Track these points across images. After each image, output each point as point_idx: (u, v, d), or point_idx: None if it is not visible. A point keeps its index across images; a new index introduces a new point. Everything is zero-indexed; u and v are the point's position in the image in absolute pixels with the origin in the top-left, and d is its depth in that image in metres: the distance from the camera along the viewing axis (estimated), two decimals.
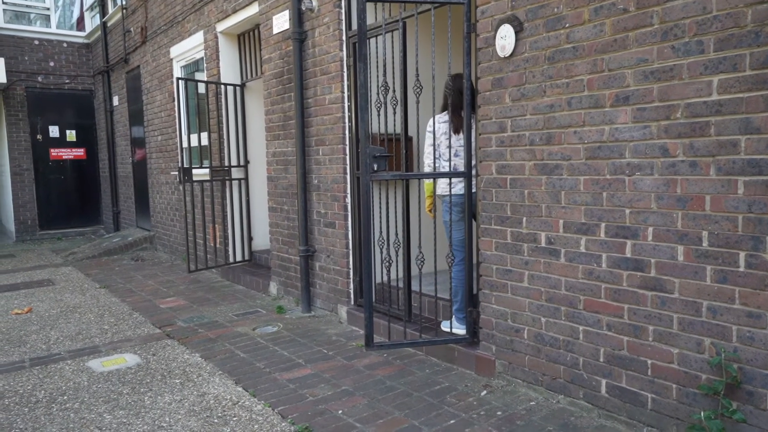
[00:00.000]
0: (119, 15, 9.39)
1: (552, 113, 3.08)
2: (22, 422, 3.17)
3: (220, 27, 6.48)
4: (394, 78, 4.08)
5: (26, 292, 6.42)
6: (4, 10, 10.42)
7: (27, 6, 10.84)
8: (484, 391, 3.38)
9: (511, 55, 3.26)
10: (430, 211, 4.06)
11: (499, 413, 3.09)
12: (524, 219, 3.29)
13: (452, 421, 3.02)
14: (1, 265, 8.22)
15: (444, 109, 3.92)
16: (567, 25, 2.96)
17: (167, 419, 3.15)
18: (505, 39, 3.26)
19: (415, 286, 4.53)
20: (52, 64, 10.81)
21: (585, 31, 2.88)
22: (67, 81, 11.00)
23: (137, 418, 3.18)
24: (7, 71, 9.76)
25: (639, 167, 2.72)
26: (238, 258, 6.76)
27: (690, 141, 2.53)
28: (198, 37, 6.97)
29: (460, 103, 3.76)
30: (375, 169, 3.88)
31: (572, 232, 3.03)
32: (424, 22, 4.89)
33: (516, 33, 3.21)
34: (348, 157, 4.74)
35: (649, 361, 2.75)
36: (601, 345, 2.94)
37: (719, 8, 2.41)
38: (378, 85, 4.39)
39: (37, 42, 10.66)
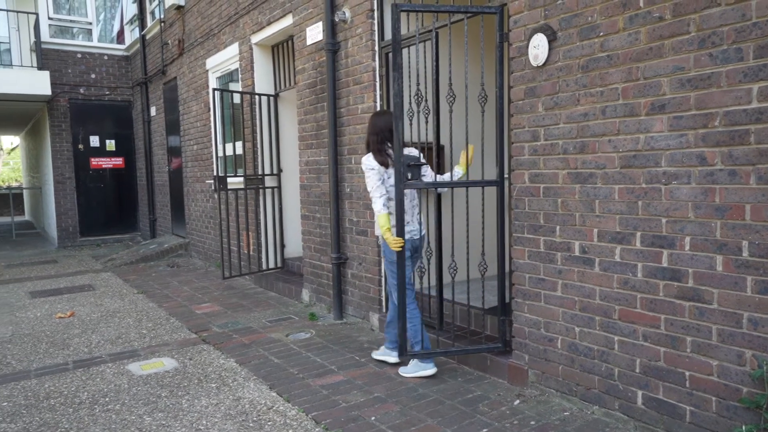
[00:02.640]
0: (157, 28, 9.67)
1: (586, 122, 3.07)
2: (67, 422, 3.28)
3: (255, 39, 6.62)
4: (426, 87, 4.12)
5: (68, 297, 6.63)
6: (49, 25, 10.83)
7: (71, 21, 11.24)
8: (517, 401, 3.36)
9: (545, 64, 3.26)
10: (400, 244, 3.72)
11: (532, 423, 3.07)
12: (558, 228, 3.28)
13: (485, 430, 3.01)
14: (45, 271, 8.51)
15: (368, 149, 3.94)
16: (601, 33, 2.96)
17: (204, 422, 3.22)
18: (538, 48, 3.27)
19: (447, 295, 4.53)
20: (93, 76, 11.18)
21: (620, 39, 2.87)
22: (107, 92, 11.36)
23: (176, 420, 3.26)
24: (51, 84, 10.11)
25: (675, 176, 2.69)
26: (271, 265, 6.87)
27: (729, 149, 2.50)
28: (233, 49, 7.13)
29: (385, 141, 3.85)
30: (409, 177, 3.92)
31: (607, 241, 3.01)
32: (457, 31, 4.91)
33: (549, 42, 3.21)
34: None
35: (687, 373, 2.71)
36: (637, 356, 2.91)
37: (759, 15, 2.38)
38: (410, 94, 4.43)
39: (79, 55, 11.04)
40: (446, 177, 3.98)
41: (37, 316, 5.74)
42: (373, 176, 3.84)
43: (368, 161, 3.87)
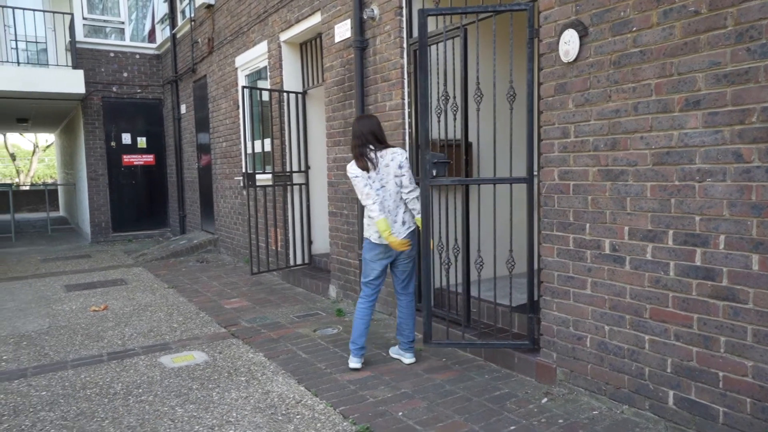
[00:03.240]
0: (188, 27, 9.82)
1: (617, 118, 3.04)
2: (103, 412, 3.37)
3: (284, 36, 6.68)
4: (454, 84, 4.11)
5: (102, 291, 6.80)
6: (84, 25, 11.09)
7: (104, 21, 11.50)
8: (545, 399, 3.35)
9: (575, 60, 3.23)
10: (407, 244, 3.88)
11: (560, 421, 3.06)
12: (587, 225, 3.25)
13: (512, 427, 3.01)
14: (79, 265, 8.73)
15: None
16: (634, 28, 2.91)
17: (234, 414, 3.28)
18: (569, 44, 3.24)
19: (474, 292, 4.52)
20: (125, 74, 11.42)
21: (653, 34, 2.83)
22: (138, 90, 11.58)
23: (206, 412, 3.33)
24: (85, 82, 10.36)
25: (710, 173, 2.65)
26: (298, 261, 6.93)
27: (766, 146, 2.45)
28: (262, 47, 7.21)
29: (366, 145, 3.82)
30: (434, 174, 3.92)
31: (638, 239, 2.97)
32: (485, 28, 4.89)
33: (580, 38, 3.18)
34: None
35: (721, 374, 2.66)
36: (668, 355, 2.87)
37: None
38: (438, 92, 4.43)
39: (112, 54, 11.28)
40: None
41: (72, 309, 5.90)
42: (359, 183, 3.79)
43: (351, 169, 3.83)
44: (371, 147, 3.84)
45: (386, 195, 3.85)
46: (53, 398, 3.59)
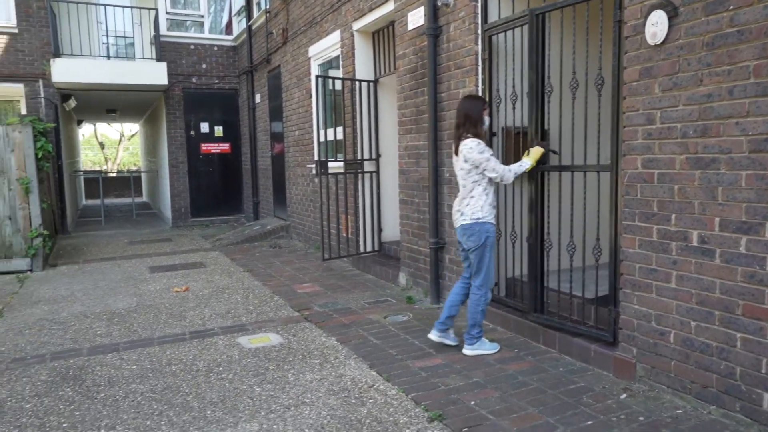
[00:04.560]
0: (263, 18, 10.06)
1: (709, 103, 2.87)
2: (187, 387, 3.56)
3: (356, 26, 6.73)
4: (535, 70, 4.01)
5: (183, 273, 7.15)
6: (166, 19, 11.60)
7: (185, 15, 11.99)
8: (624, 395, 3.24)
9: (663, 42, 3.07)
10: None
11: (641, 419, 2.95)
12: (673, 216, 3.10)
13: (590, 422, 2.94)
14: (162, 248, 9.21)
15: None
16: (731, 7, 2.73)
17: (309, 396, 3.38)
18: (657, 26, 3.08)
19: (547, 283, 4.42)
20: (204, 66, 11.86)
21: (753, 13, 2.65)
22: (216, 81, 12.01)
23: (282, 392, 3.44)
24: (168, 74, 10.85)
25: None
26: (368, 248, 7.01)
27: None
28: (335, 36, 7.29)
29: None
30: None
31: (730, 231, 2.81)
32: (565, 13, 4.73)
33: (669, 18, 3.02)
34: None
35: None
36: (763, 355, 2.70)
37: None
38: (513, 78, 4.35)
39: (192, 47, 11.75)
40: (516, 166, 3.97)
41: (156, 290, 6.24)
42: (493, 160, 3.85)
43: (481, 147, 3.84)
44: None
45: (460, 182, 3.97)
46: (143, 372, 3.82)
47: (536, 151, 3.97)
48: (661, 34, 3.07)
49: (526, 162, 3.94)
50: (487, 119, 4.00)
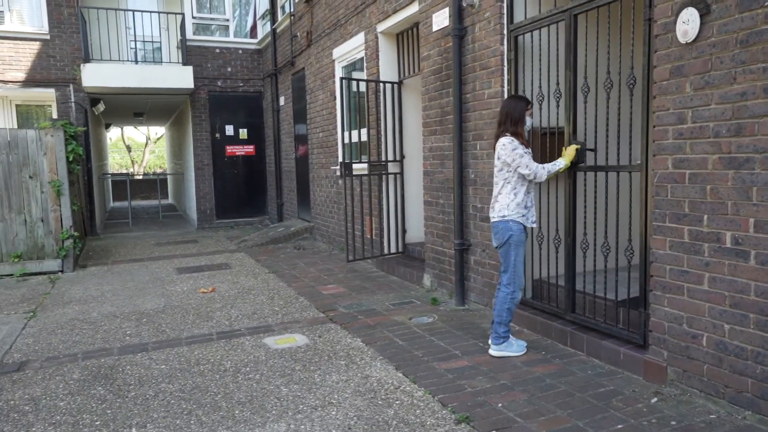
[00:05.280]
0: (287, 22, 10.15)
1: (743, 102, 2.81)
2: (215, 387, 3.60)
3: (380, 27, 6.74)
4: (558, 70, 3.97)
5: (209, 274, 7.24)
6: (192, 23, 11.77)
7: (211, 19, 12.16)
8: (655, 398, 3.18)
9: (695, 40, 3.02)
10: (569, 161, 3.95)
11: (673, 423, 2.90)
12: (705, 217, 3.04)
13: (619, 426, 2.89)
14: (188, 249, 9.34)
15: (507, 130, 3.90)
16: (766, 3, 2.67)
17: (336, 396, 3.39)
18: (688, 23, 3.03)
19: (575, 285, 4.37)
20: (229, 69, 12.01)
21: None
22: (240, 84, 12.15)
23: (309, 392, 3.46)
24: (194, 78, 11.01)
25: None
26: (393, 250, 7.02)
27: None
28: (359, 38, 7.32)
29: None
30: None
31: (766, 232, 2.74)
32: (591, 12, 4.68)
33: (701, 16, 2.96)
34: None
35: None
36: None
37: None
38: (540, 78, 4.31)
39: (217, 50, 11.90)
40: (550, 165, 3.92)
41: (183, 290, 6.32)
42: (527, 157, 3.84)
43: (514, 144, 3.83)
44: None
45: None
46: (171, 372, 3.88)
47: (571, 150, 3.93)
48: (693, 32, 3.01)
49: (561, 162, 3.91)
50: (529, 120, 3.97)
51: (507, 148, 3.81)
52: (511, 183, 3.87)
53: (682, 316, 3.19)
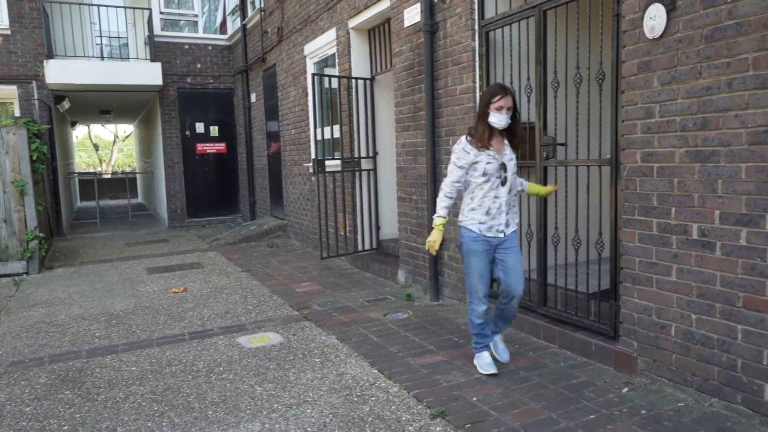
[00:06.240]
0: (258, 17, 10.03)
1: (708, 96, 2.87)
2: (188, 388, 3.54)
3: (352, 23, 6.71)
4: (528, 66, 4.01)
5: (180, 273, 7.12)
6: (160, 19, 11.55)
7: (179, 14, 11.94)
8: (626, 389, 3.24)
9: (662, 36, 3.07)
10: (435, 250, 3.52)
11: (643, 412, 2.95)
12: (673, 209, 3.10)
13: (592, 416, 2.94)
14: (158, 249, 9.17)
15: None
16: (729, 0, 2.73)
17: (311, 394, 3.37)
18: (655, 19, 3.08)
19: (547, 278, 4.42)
20: (198, 65, 11.81)
21: (752, 5, 2.64)
22: (211, 81, 11.97)
23: (284, 391, 3.43)
24: (162, 74, 10.80)
25: None
26: (367, 246, 7.00)
27: None
28: (330, 34, 7.27)
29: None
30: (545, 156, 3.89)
31: (731, 223, 2.81)
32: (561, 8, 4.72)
33: (668, 12, 3.02)
34: None
35: None
36: (764, 346, 2.70)
37: None
38: (511, 74, 4.34)
39: (186, 46, 11.69)
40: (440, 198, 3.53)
41: (154, 291, 6.21)
42: (455, 170, 3.46)
43: (459, 146, 3.45)
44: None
45: None
46: (142, 373, 3.80)
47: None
48: (660, 27, 3.07)
49: (442, 203, 3.49)
50: (499, 116, 3.31)
51: (454, 150, 3.47)
52: (469, 186, 3.49)
53: (652, 307, 3.25)
